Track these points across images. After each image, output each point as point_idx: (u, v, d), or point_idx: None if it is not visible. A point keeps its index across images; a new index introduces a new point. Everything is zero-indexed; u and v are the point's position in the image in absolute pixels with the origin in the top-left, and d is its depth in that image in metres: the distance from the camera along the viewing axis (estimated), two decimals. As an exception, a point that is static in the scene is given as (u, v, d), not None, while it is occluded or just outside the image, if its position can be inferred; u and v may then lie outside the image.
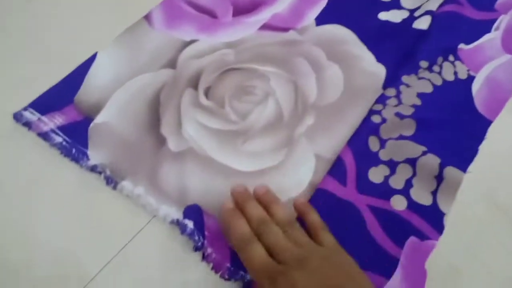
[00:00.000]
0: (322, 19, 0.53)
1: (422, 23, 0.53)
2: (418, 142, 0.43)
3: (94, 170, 0.39)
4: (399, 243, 0.38)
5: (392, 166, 0.42)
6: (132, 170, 0.40)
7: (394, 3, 0.56)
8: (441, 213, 0.40)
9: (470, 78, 0.49)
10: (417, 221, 0.39)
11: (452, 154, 0.43)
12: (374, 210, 0.39)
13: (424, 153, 0.42)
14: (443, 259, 0.38)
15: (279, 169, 0.42)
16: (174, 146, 0.42)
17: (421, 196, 0.40)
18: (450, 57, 0.51)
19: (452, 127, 0.45)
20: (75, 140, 0.41)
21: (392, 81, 0.48)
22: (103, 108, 0.43)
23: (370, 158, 0.42)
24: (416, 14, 0.54)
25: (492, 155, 0.44)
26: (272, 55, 0.50)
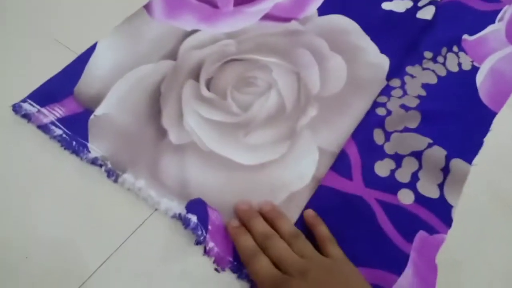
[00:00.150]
0: (324, 9, 0.52)
1: (426, 13, 0.52)
2: (423, 134, 0.42)
3: (94, 163, 0.39)
4: (409, 238, 0.37)
5: (397, 159, 0.41)
6: (132, 162, 0.39)
7: (398, -7, 0.55)
8: (449, 206, 0.39)
9: (474, 69, 0.49)
10: (425, 214, 0.39)
11: (457, 146, 0.42)
12: (382, 204, 0.39)
13: (429, 145, 0.41)
14: (446, 253, 0.38)
15: (281, 162, 0.41)
16: (175, 138, 0.41)
17: (428, 189, 0.40)
18: (454, 48, 0.50)
19: (457, 119, 0.45)
20: (75, 132, 0.40)
21: (396, 71, 0.47)
22: (103, 99, 0.42)
23: (375, 152, 0.42)
24: (419, 4, 0.53)
25: (497, 147, 0.44)
26: (274, 46, 0.49)
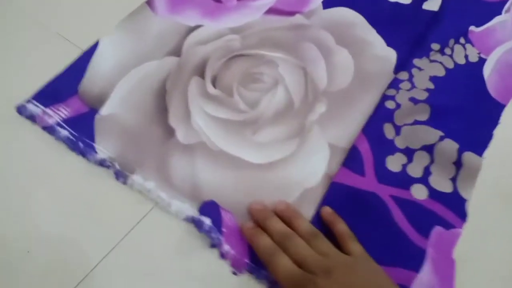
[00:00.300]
0: (329, 2, 0.51)
1: (433, 4, 0.52)
2: (434, 127, 0.42)
3: (102, 164, 0.38)
4: (425, 233, 0.37)
5: (408, 154, 0.41)
6: (140, 162, 0.38)
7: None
8: (463, 200, 0.39)
9: (481, 61, 0.48)
10: (440, 209, 0.38)
11: (468, 139, 0.41)
12: (396, 200, 0.38)
13: (441, 138, 0.41)
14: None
15: (292, 159, 0.40)
16: (183, 137, 0.40)
17: (441, 183, 0.40)
18: (461, 39, 0.49)
19: (466, 112, 0.44)
20: (81, 133, 0.39)
21: (403, 64, 0.47)
22: (108, 98, 0.41)
23: (386, 146, 0.41)
24: (425, -5, 0.53)
25: (506, 140, 0.43)
26: (279, 40, 0.48)
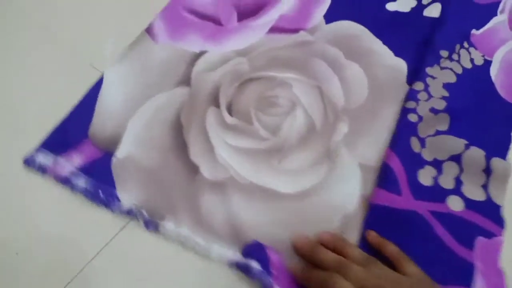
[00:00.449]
0: (330, 16, 0.50)
1: (433, 11, 0.51)
2: (456, 136, 0.41)
3: (130, 214, 0.35)
4: (469, 246, 0.36)
5: (437, 165, 0.40)
6: (169, 206, 0.36)
7: (399, -8, 0.54)
8: (497, 206, 0.38)
9: (487, 63, 0.48)
10: (478, 219, 0.37)
11: (491, 144, 0.41)
12: (435, 215, 0.37)
13: (466, 146, 0.40)
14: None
15: (325, 185, 0.39)
16: (209, 173, 0.38)
17: (473, 192, 0.39)
18: (465, 43, 0.49)
19: (482, 116, 0.44)
20: (100, 181, 0.36)
21: (416, 74, 0.46)
22: (122, 139, 0.39)
23: (415, 160, 0.40)
24: (424, 1, 0.52)
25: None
26: (287, 60, 0.46)
